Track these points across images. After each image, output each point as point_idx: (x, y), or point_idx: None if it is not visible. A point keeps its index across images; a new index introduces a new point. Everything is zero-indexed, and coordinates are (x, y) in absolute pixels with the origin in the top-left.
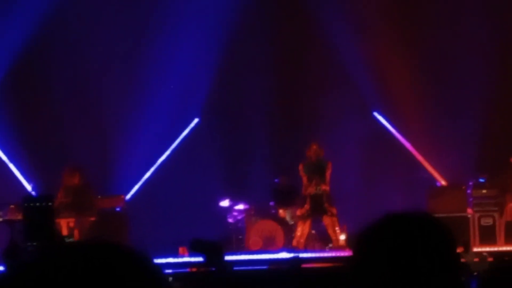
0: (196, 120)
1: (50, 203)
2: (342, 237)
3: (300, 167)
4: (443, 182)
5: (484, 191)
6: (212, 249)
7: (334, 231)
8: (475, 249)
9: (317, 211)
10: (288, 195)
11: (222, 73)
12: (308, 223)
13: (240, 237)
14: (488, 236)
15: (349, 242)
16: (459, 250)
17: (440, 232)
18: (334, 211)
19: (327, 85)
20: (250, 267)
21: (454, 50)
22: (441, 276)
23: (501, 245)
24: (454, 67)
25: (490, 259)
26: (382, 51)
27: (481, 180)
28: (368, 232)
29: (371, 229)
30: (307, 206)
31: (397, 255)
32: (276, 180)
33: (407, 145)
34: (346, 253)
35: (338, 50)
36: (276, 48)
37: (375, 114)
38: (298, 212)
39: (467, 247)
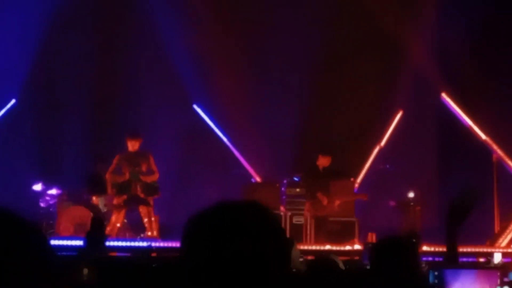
0: (13, 101)
1: None
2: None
3: (117, 157)
4: (258, 179)
5: (297, 189)
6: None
7: (150, 221)
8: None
9: (134, 201)
10: (104, 183)
11: (42, 55)
12: (123, 212)
13: (51, 222)
14: (298, 234)
15: (161, 233)
16: None
17: (270, 221)
18: (151, 201)
19: (148, 74)
20: (59, 253)
21: (278, 48)
22: (272, 263)
23: (311, 244)
24: (277, 66)
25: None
26: (206, 43)
27: (295, 178)
28: (199, 219)
29: (202, 216)
30: (124, 196)
31: (228, 243)
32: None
33: (226, 139)
34: (159, 243)
35: (160, 40)
36: (98, 34)
37: (195, 106)
38: (115, 201)
39: (291, 243)
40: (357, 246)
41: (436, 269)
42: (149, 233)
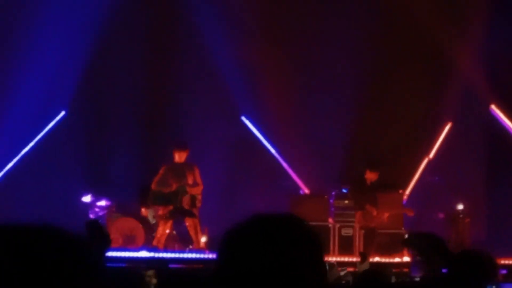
0: (62, 113)
1: None
2: (203, 239)
3: (163, 167)
4: (306, 191)
5: (346, 201)
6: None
7: (196, 232)
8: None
9: (179, 212)
10: None
11: (91, 67)
12: (169, 223)
13: None
14: (347, 247)
15: (209, 244)
16: (359, 259)
17: (306, 234)
18: (197, 213)
19: (197, 86)
20: (108, 264)
21: (326, 60)
22: (306, 277)
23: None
24: (325, 77)
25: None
26: (254, 54)
27: (344, 190)
28: (234, 232)
29: (238, 228)
30: (170, 207)
31: (263, 255)
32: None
33: (274, 151)
34: (206, 255)
35: (209, 51)
36: (147, 46)
37: (243, 118)
38: (160, 212)
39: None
40: (406, 258)
41: (494, 283)
42: (197, 245)
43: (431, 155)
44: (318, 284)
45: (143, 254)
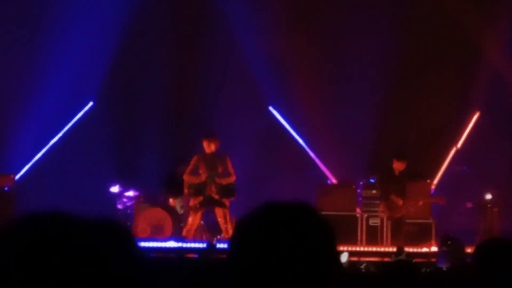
0: (90, 104)
1: None
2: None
3: (195, 158)
4: (334, 180)
5: (373, 191)
6: None
7: (226, 222)
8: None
9: (210, 203)
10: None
11: (118, 58)
12: (199, 214)
13: (129, 223)
14: (374, 236)
15: None
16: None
17: (318, 223)
18: (227, 203)
19: (225, 76)
20: None
21: (353, 50)
22: (318, 266)
23: (387, 246)
24: (353, 67)
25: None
26: (282, 45)
27: (371, 180)
28: (246, 220)
29: (249, 217)
30: (200, 197)
31: (272, 243)
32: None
33: (301, 141)
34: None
35: (236, 42)
36: (174, 36)
37: (271, 108)
38: (191, 203)
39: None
40: (434, 248)
41: None
42: (226, 235)
43: (459, 144)
44: (330, 273)
45: (171, 244)
